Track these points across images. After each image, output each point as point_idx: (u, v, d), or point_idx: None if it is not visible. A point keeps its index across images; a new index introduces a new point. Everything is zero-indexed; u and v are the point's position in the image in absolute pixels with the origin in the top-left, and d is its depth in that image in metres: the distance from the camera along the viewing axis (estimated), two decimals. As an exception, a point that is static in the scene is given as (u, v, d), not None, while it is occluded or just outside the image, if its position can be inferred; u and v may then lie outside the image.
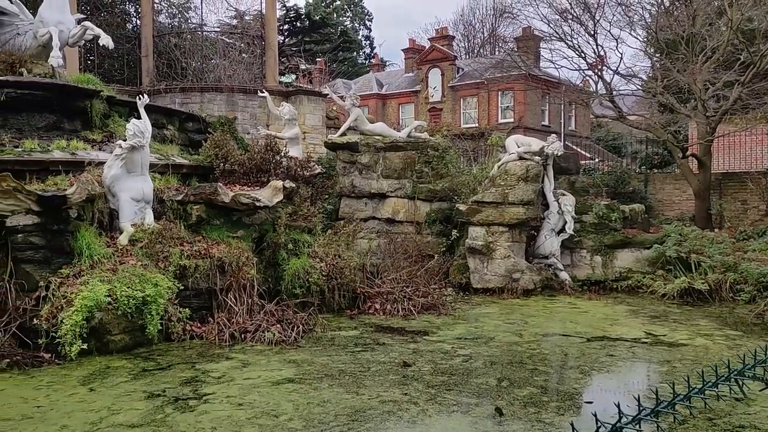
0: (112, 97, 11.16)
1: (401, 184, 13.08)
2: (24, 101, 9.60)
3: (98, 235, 8.03)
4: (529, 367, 6.72)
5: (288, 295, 9.06)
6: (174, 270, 7.98)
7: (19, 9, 11.43)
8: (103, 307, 6.90)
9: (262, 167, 10.78)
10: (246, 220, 9.41)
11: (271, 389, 5.86)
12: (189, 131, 13.20)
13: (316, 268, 9.36)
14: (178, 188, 9.56)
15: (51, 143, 9.24)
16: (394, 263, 11.06)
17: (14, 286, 7.11)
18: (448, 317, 9.40)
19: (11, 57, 10.50)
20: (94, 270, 7.37)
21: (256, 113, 16.62)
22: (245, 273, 8.54)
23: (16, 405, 5.41)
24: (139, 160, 8.57)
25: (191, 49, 18.97)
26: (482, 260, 11.53)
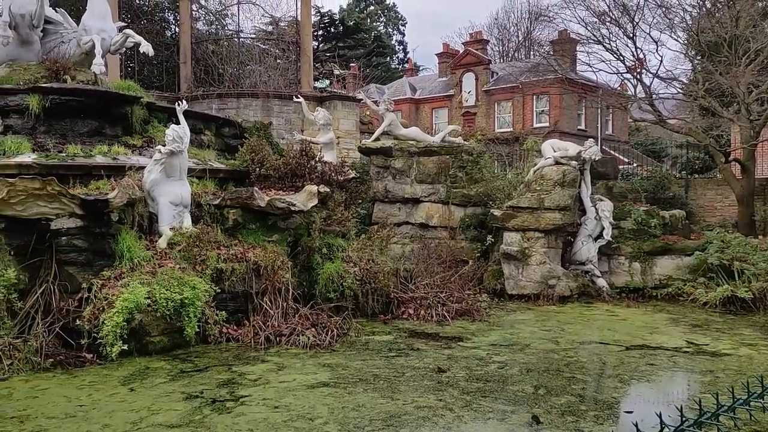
0: (152, 103, 11.38)
1: (435, 188, 13.05)
2: (68, 107, 9.85)
3: (138, 238, 8.18)
4: (567, 374, 6.62)
5: (322, 299, 9.10)
6: (211, 273, 8.08)
7: (63, 18, 11.77)
8: (142, 309, 7.03)
9: (297, 172, 10.86)
10: (281, 225, 9.49)
11: (307, 393, 5.89)
12: (225, 136, 13.39)
13: (350, 272, 9.39)
14: (215, 192, 9.69)
15: (93, 148, 9.46)
16: (427, 268, 11.02)
17: (58, 287, 7.29)
18: (483, 323, 9.33)
19: (56, 64, 10.79)
20: (135, 272, 7.51)
21: (291, 118, 16.78)
22: (280, 277, 8.61)
23: (60, 404, 5.54)
24: (177, 165, 8.71)
25: (228, 56, 19.27)
26: (517, 266, 11.42)
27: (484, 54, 41.86)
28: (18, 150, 8.89)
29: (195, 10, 20.49)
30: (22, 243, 7.33)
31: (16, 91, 9.74)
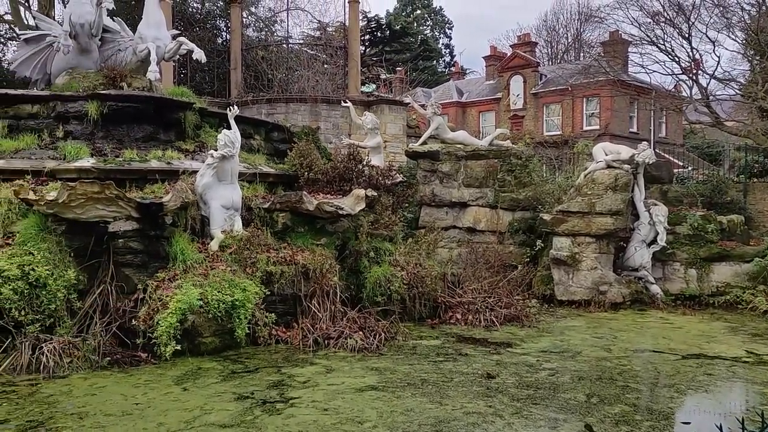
0: (204, 109, 11.64)
1: (483, 192, 12.93)
2: (124, 113, 10.16)
3: (191, 240, 8.36)
4: (620, 383, 6.45)
5: (370, 303, 9.12)
6: (261, 276, 8.19)
7: (120, 27, 12.14)
8: (195, 310, 7.18)
9: (344, 176, 10.94)
10: (329, 228, 9.56)
11: (355, 396, 5.90)
12: (274, 141, 13.60)
13: (397, 276, 9.38)
14: (264, 196, 9.84)
15: (148, 153, 9.73)
16: (475, 273, 10.93)
17: (115, 288, 7.52)
18: (532, 329, 9.19)
19: (113, 72, 11.16)
20: (187, 274, 7.68)
21: (338, 123, 16.90)
22: (328, 280, 8.67)
23: (117, 401, 5.70)
24: (229, 169, 8.87)
25: (277, 61, 19.54)
26: (567, 271, 11.21)
27: (532, 56, 41.32)
28: (77, 155, 9.22)
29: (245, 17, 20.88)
30: (81, 245, 7.59)
31: (75, 97, 10.10)
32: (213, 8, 22.04)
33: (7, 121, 9.84)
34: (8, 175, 8.59)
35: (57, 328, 7.06)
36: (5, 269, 6.84)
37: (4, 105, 9.97)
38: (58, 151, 9.38)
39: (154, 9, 11.80)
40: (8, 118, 9.91)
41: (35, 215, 7.58)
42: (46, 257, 7.16)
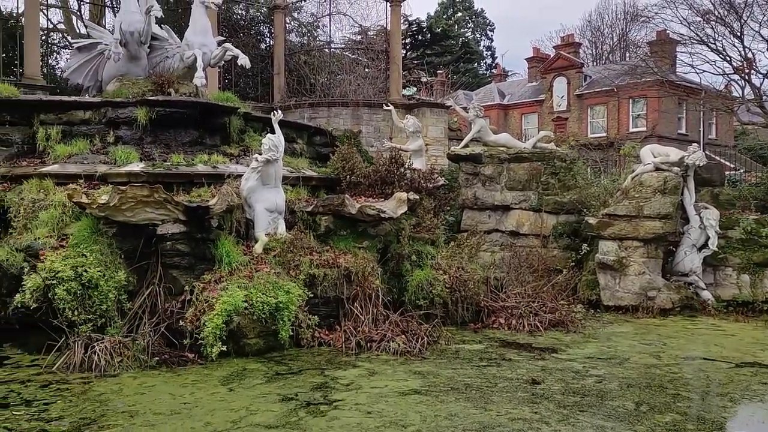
0: (248, 114, 11.81)
1: (526, 195, 12.78)
2: (171, 118, 10.39)
3: (236, 243, 8.48)
4: (670, 391, 6.28)
5: (412, 306, 9.10)
6: (304, 278, 8.25)
7: (168, 34, 12.44)
8: (240, 312, 7.28)
9: (386, 179, 10.95)
10: (371, 231, 9.57)
11: (398, 399, 5.89)
12: (317, 145, 13.72)
13: (439, 280, 9.34)
14: (307, 200, 9.92)
15: (194, 157, 9.93)
16: (518, 277, 10.79)
17: (163, 289, 7.69)
18: (578, 335, 9.02)
19: (161, 78, 11.43)
20: (233, 276, 7.79)
21: (379, 126, 16.94)
22: (370, 283, 8.68)
23: (165, 401, 5.82)
24: (273, 173, 8.98)
25: (319, 66, 19.73)
26: (614, 276, 10.98)
27: (576, 57, 40.71)
28: (127, 159, 9.47)
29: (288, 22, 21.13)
30: (131, 247, 7.79)
31: (125, 104, 10.38)
32: (257, 14, 22.37)
33: (61, 127, 10.17)
34: (62, 180, 8.87)
35: (108, 328, 7.25)
36: (60, 270, 7.07)
37: (58, 111, 10.31)
38: (109, 155, 9.65)
39: (200, 16, 12.03)
40: (62, 124, 10.23)
41: (88, 218, 7.81)
42: (98, 259, 7.37)
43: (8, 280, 7.35)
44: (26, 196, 8.45)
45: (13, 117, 10.23)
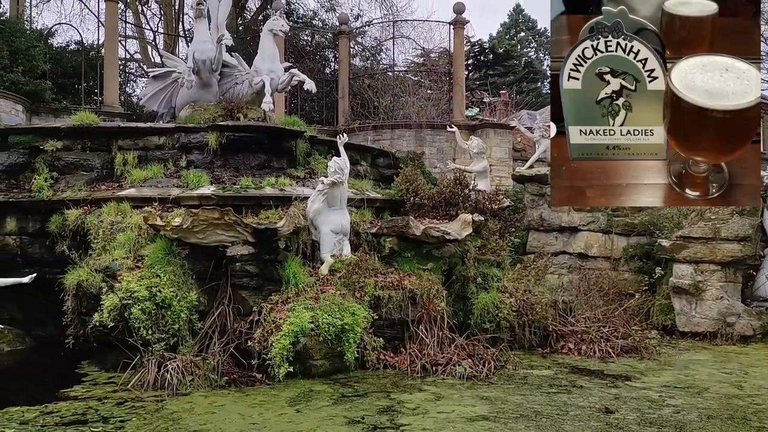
0: (314, 137, 12.03)
1: (594, 217, 12.45)
2: (240, 143, 10.69)
3: (302, 264, 8.59)
4: (755, 424, 5.92)
5: (478, 330, 8.96)
6: (369, 300, 8.27)
7: (237, 61, 12.87)
8: (307, 333, 7.34)
9: (450, 201, 10.89)
10: (435, 253, 9.52)
11: (466, 425, 5.78)
12: (380, 166, 13.81)
13: (505, 303, 9.17)
14: (372, 221, 9.97)
15: (262, 180, 10.16)
16: (587, 301, 10.48)
17: (232, 310, 7.85)
18: (652, 362, 8.65)
19: (230, 104, 11.82)
20: (299, 298, 7.88)
21: (443, 147, 16.94)
22: (435, 305, 8.62)
23: (234, 420, 5.91)
24: (338, 195, 9.07)
25: (382, 89, 19.95)
26: (689, 301, 10.50)
27: (642, 74, 39.63)
28: (198, 183, 9.78)
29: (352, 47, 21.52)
30: (202, 268, 8.00)
31: (197, 129, 10.75)
32: (322, 40, 22.89)
33: (137, 152, 10.62)
34: (138, 203, 9.24)
35: (180, 347, 7.45)
36: (135, 291, 7.33)
37: (134, 137, 10.78)
38: (182, 179, 9.99)
39: (268, 43, 12.42)
40: (138, 150, 10.68)
41: (162, 240, 8.09)
42: (171, 279, 7.61)
43: (87, 299, 7.67)
44: (105, 219, 8.84)
45: (94, 143, 10.75)
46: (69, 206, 9.40)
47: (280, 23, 12.36)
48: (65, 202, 9.50)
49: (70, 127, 10.73)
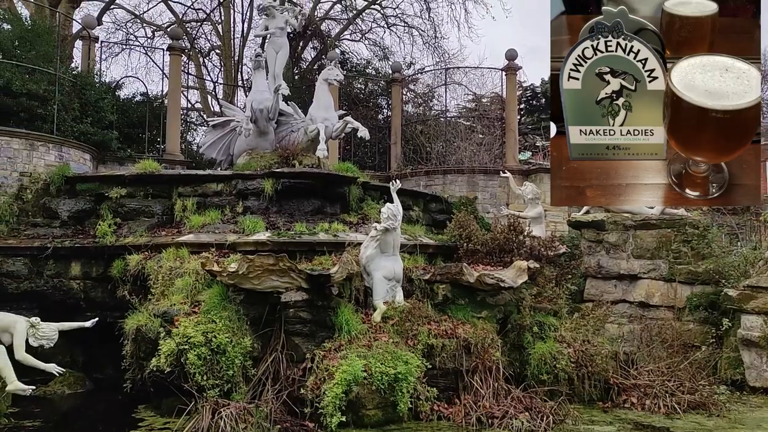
0: (366, 183, 12.16)
1: (655, 264, 12.02)
2: (295, 189, 10.89)
3: (355, 311, 8.56)
4: (842, 494, 5.46)
5: (535, 381, 8.67)
6: (422, 348, 8.13)
7: (293, 110, 13.24)
8: (359, 382, 7.25)
9: (504, 247, 10.74)
10: (490, 301, 9.34)
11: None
12: (432, 212, 13.80)
13: (563, 353, 8.87)
14: (425, 268, 9.89)
15: (316, 226, 10.27)
16: (650, 353, 10.03)
17: (285, 356, 7.84)
18: (722, 419, 8.16)
19: (286, 151, 12.10)
20: (352, 345, 7.82)
21: (495, 192, 16.81)
22: (490, 355, 8.40)
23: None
24: (391, 241, 9.06)
25: (435, 134, 20.08)
26: (760, 354, 9.93)
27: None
28: (254, 228, 9.96)
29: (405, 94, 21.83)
30: (256, 314, 8.07)
31: (253, 176, 11.02)
32: (375, 88, 23.33)
33: (196, 198, 10.94)
34: (196, 248, 9.46)
35: (233, 394, 7.46)
36: (192, 336, 7.43)
37: (194, 184, 11.12)
38: (238, 225, 10.20)
39: (323, 93, 12.74)
40: (197, 196, 11.01)
41: (218, 285, 8.22)
42: (226, 325, 7.68)
43: (146, 344, 7.81)
44: (164, 264, 9.07)
45: (155, 190, 11.15)
46: (131, 251, 9.70)
47: (335, 73, 12.68)
48: (127, 248, 9.81)
49: (133, 174, 11.17)
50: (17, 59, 13.59)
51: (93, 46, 17.49)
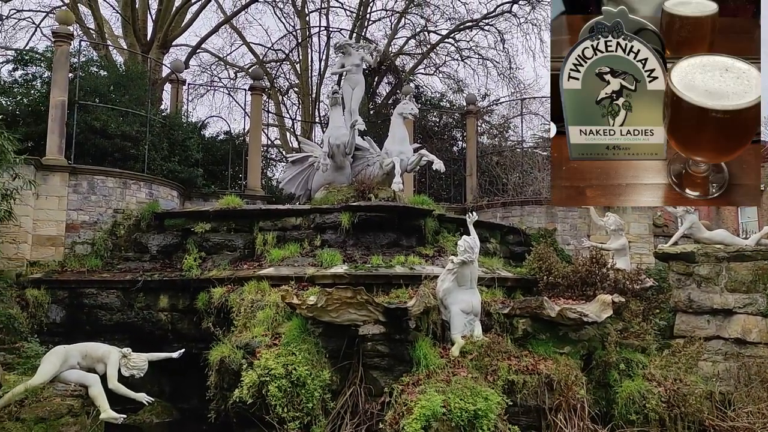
0: (442, 215, 12.12)
1: (752, 299, 11.27)
2: (371, 222, 11.00)
3: (432, 345, 8.46)
4: None
5: (623, 421, 8.26)
6: (502, 384, 7.92)
7: (369, 144, 13.43)
8: (438, 418, 7.11)
9: (587, 280, 10.40)
10: (572, 336, 9.02)
11: None
12: (510, 244, 13.56)
13: (653, 392, 8.42)
14: (503, 301, 9.70)
15: (392, 259, 10.30)
16: (749, 393, 9.37)
17: (364, 390, 7.83)
18: (835, 469, 7.49)
19: (362, 185, 12.26)
20: (430, 380, 7.72)
21: (575, 224, 16.35)
22: (575, 393, 8.08)
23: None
24: (468, 274, 8.94)
25: (511, 165, 19.85)
26: None
27: (797, 141, 36.55)
28: (332, 262, 10.09)
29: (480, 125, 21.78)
30: (335, 347, 8.12)
31: (331, 210, 11.22)
32: (449, 120, 23.41)
33: (276, 232, 11.23)
34: (276, 281, 9.67)
35: (313, 427, 7.50)
36: (273, 368, 7.55)
37: (274, 219, 11.43)
38: (316, 258, 10.37)
39: (398, 126, 12.90)
40: (277, 230, 11.30)
41: (298, 318, 8.35)
42: (306, 358, 7.77)
43: (229, 375, 8.00)
44: (246, 297, 9.31)
45: (237, 224, 11.54)
46: (214, 284, 10.03)
47: (410, 107, 12.83)
48: (211, 281, 10.15)
49: (216, 210, 11.62)
50: (112, 103, 14.52)
51: (180, 89, 18.48)
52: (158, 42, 21.09)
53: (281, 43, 26.96)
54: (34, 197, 11.56)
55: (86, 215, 12.15)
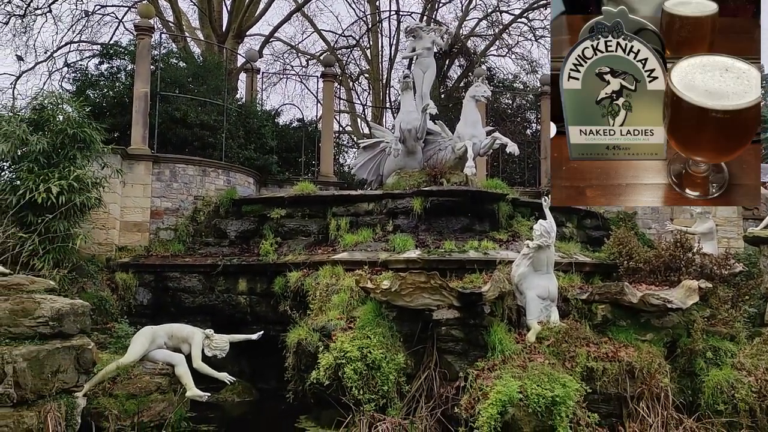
0: (516, 199, 11.88)
1: None
2: (443, 207, 10.92)
3: (507, 330, 8.35)
4: None
5: (710, 411, 7.90)
6: (581, 371, 7.73)
7: (441, 128, 13.31)
8: (515, 403, 7.02)
9: (670, 265, 9.97)
10: (655, 323, 8.68)
11: None
12: (587, 228, 13.17)
13: (743, 382, 8.00)
14: (581, 287, 9.45)
15: (465, 243, 10.19)
16: None
17: (438, 374, 7.82)
18: None
19: (434, 170, 12.18)
20: (506, 365, 7.63)
21: (658, 207, 15.70)
22: (658, 381, 7.80)
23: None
24: (545, 259, 8.75)
25: (587, 147, 19.21)
26: None
27: None
28: (404, 247, 10.10)
29: (554, 107, 21.13)
30: (409, 331, 8.15)
31: (402, 195, 11.21)
32: (523, 102, 22.90)
33: (349, 218, 11.34)
34: (350, 266, 9.77)
35: (389, 409, 7.56)
36: (348, 351, 7.66)
37: (346, 204, 11.55)
38: (389, 243, 10.40)
39: (470, 110, 12.70)
40: (349, 216, 11.41)
41: (372, 302, 8.41)
42: (380, 341, 7.83)
43: (306, 357, 8.18)
44: (321, 281, 9.47)
45: (311, 210, 11.74)
46: (290, 269, 10.25)
47: (482, 89, 12.61)
48: (287, 265, 10.38)
49: (291, 196, 11.85)
50: (191, 93, 15.00)
51: (255, 78, 18.88)
52: (233, 32, 21.59)
53: (352, 29, 27.07)
54: (121, 185, 12.12)
55: (169, 202, 12.64)
